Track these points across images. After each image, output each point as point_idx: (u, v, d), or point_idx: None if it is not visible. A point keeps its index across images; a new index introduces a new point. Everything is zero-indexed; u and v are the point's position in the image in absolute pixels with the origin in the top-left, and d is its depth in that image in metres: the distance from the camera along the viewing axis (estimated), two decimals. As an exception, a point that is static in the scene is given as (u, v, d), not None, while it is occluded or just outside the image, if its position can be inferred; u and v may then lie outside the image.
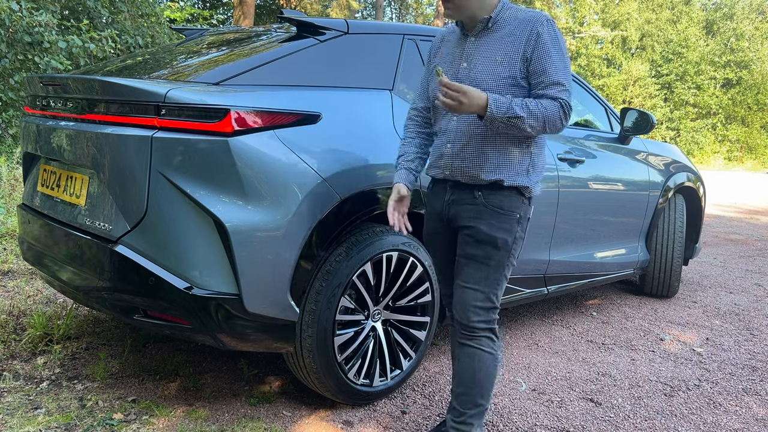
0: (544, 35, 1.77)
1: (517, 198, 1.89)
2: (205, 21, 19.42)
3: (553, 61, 1.77)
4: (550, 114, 1.75)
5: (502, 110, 1.72)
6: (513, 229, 1.89)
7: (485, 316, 1.92)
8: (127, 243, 2.01)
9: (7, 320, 2.92)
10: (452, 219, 1.96)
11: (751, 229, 7.86)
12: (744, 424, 2.47)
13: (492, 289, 1.91)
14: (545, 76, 1.77)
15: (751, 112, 24.48)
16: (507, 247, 1.89)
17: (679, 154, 4.29)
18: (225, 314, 1.98)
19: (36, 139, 2.47)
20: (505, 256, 1.90)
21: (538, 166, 1.93)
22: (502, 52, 1.81)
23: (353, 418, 2.33)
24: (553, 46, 1.77)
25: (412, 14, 28.25)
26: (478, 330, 1.92)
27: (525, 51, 1.78)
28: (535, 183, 1.92)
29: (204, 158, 1.94)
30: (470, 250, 1.91)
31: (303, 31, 2.40)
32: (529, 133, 1.77)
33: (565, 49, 1.81)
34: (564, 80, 1.77)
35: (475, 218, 1.89)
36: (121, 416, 2.21)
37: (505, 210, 1.88)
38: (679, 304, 4.13)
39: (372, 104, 2.39)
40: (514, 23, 1.82)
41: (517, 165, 1.86)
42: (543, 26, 1.78)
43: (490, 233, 1.87)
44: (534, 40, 1.77)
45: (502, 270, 1.92)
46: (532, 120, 1.73)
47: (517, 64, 1.79)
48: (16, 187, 5.63)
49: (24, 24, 6.99)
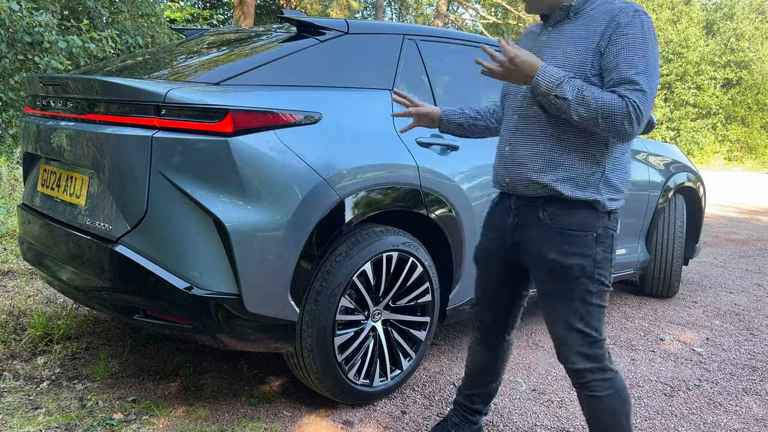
0: (624, 27, 1.52)
1: (589, 213, 1.63)
2: (205, 21, 19.42)
3: (630, 57, 1.51)
4: (609, 110, 1.48)
5: (550, 84, 1.51)
6: (591, 252, 1.62)
7: (588, 355, 1.67)
8: (127, 243, 2.01)
9: (7, 320, 2.92)
10: (518, 245, 1.75)
11: (751, 229, 7.86)
12: (744, 424, 2.47)
13: (586, 323, 1.65)
14: (615, 73, 1.52)
15: (751, 112, 24.47)
16: (587, 273, 1.62)
17: (679, 154, 4.29)
18: (225, 314, 1.98)
19: (36, 139, 2.47)
20: (587, 284, 1.63)
21: (614, 183, 1.64)
22: (574, 44, 1.59)
23: (353, 418, 2.33)
24: (634, 39, 1.51)
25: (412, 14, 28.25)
26: (585, 373, 1.69)
27: (600, 44, 1.55)
28: (609, 200, 1.64)
29: (204, 158, 1.94)
30: (546, 285, 1.69)
31: (303, 31, 2.40)
32: (576, 122, 1.54)
33: (652, 49, 1.53)
34: (639, 79, 1.49)
35: (544, 245, 1.66)
36: (121, 416, 2.21)
37: (576, 230, 1.62)
38: (679, 304, 4.13)
39: (372, 104, 2.38)
40: (598, 13, 1.59)
41: (582, 175, 1.62)
42: (626, 16, 1.53)
43: (561, 261, 1.62)
44: (611, 31, 1.54)
45: (591, 299, 1.64)
46: (582, 109, 1.50)
47: (588, 57, 1.56)
48: (16, 187, 5.63)
49: (24, 24, 6.99)
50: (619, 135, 1.52)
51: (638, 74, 1.50)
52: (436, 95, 2.64)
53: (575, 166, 1.62)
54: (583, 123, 1.53)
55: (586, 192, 1.62)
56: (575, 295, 1.64)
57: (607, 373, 1.70)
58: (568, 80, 1.52)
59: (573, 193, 1.61)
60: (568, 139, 1.62)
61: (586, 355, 1.68)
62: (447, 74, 2.80)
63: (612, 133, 1.53)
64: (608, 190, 1.64)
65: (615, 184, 1.65)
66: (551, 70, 1.53)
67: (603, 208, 1.63)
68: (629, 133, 1.51)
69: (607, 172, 1.64)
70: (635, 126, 1.50)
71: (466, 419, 2.10)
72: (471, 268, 2.68)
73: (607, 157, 1.63)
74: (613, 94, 1.50)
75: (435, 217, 2.47)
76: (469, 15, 26.47)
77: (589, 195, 1.62)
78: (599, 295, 1.66)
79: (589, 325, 1.66)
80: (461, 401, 2.12)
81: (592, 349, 1.67)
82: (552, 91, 1.52)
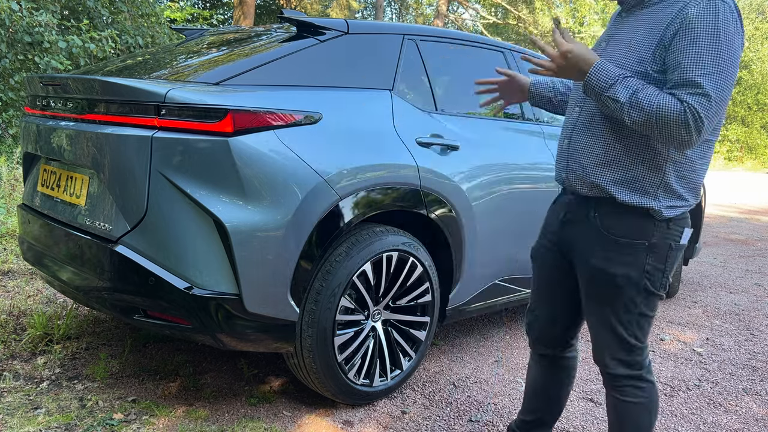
0: (692, 19, 1.34)
1: (644, 221, 1.50)
2: (205, 21, 19.41)
3: (696, 54, 1.33)
4: (665, 115, 1.34)
5: (602, 84, 1.40)
6: (640, 262, 1.50)
7: (626, 362, 1.59)
8: (127, 243, 2.01)
9: (7, 320, 2.92)
10: (563, 242, 1.66)
11: (751, 229, 7.86)
12: (744, 424, 2.47)
13: (626, 329, 1.56)
14: (678, 73, 1.36)
15: (751, 112, 24.47)
16: (633, 283, 1.51)
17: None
18: (225, 314, 1.98)
19: (36, 139, 2.47)
20: (633, 294, 1.52)
21: (676, 190, 1.49)
22: (640, 36, 1.45)
23: (353, 418, 2.33)
24: (704, 33, 1.33)
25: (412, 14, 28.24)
26: (619, 378, 1.62)
27: (664, 36, 1.39)
28: (668, 207, 1.49)
29: (204, 158, 1.94)
30: (588, 289, 1.60)
31: (303, 31, 2.40)
32: (629, 125, 1.42)
33: (727, 43, 1.33)
34: (703, 81, 1.32)
35: (589, 247, 1.56)
36: (121, 416, 2.21)
37: (627, 237, 1.51)
38: (679, 304, 4.13)
39: (372, 104, 2.38)
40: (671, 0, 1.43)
41: (639, 178, 1.48)
42: (697, 7, 1.35)
43: (606, 269, 1.52)
44: (678, 23, 1.37)
45: (635, 309, 1.54)
46: (635, 113, 1.37)
47: (651, 50, 1.41)
48: (16, 187, 5.63)
49: (24, 24, 6.99)
50: (676, 144, 1.39)
51: (704, 75, 1.33)
52: (435, 95, 2.64)
53: (632, 168, 1.49)
54: (638, 127, 1.41)
55: (641, 198, 1.49)
56: (618, 302, 1.54)
57: (642, 382, 1.62)
58: (622, 80, 1.40)
59: (626, 197, 1.49)
60: (627, 138, 1.49)
61: (623, 362, 1.60)
62: (447, 74, 2.80)
63: (668, 141, 1.40)
64: (668, 197, 1.50)
65: (677, 191, 1.50)
66: (606, 68, 1.41)
67: (659, 216, 1.50)
68: (686, 143, 1.37)
69: (669, 177, 1.49)
70: (694, 135, 1.34)
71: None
72: (471, 268, 2.69)
73: (669, 162, 1.48)
74: (673, 97, 1.36)
75: (435, 217, 2.47)
76: (469, 15, 26.47)
77: (644, 201, 1.49)
78: (647, 305, 1.55)
79: (630, 332, 1.57)
80: (515, 428, 1.99)
81: (630, 356, 1.59)
82: (605, 91, 1.41)
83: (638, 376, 1.61)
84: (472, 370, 2.84)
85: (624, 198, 1.50)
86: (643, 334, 1.58)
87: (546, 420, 1.93)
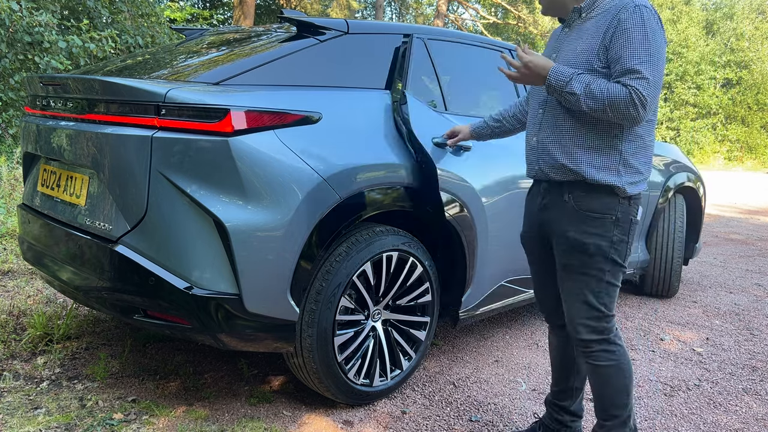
0: (625, 21, 1.65)
1: (610, 198, 1.77)
2: (205, 21, 19.41)
3: (631, 48, 1.63)
4: (615, 99, 1.62)
5: (560, 83, 1.68)
6: (608, 233, 1.76)
7: (595, 328, 1.82)
8: (127, 243, 2.01)
9: (7, 320, 2.92)
10: (543, 224, 1.91)
11: (751, 229, 7.86)
12: (744, 423, 2.47)
13: (597, 298, 1.80)
14: (619, 64, 1.65)
15: (751, 112, 24.47)
16: (602, 252, 1.76)
17: (679, 154, 4.29)
18: (225, 314, 1.98)
19: (36, 139, 2.47)
20: (602, 262, 1.77)
21: (634, 166, 1.77)
22: (584, 42, 1.74)
23: (353, 418, 2.33)
24: (635, 32, 1.63)
25: (412, 14, 28.23)
26: (590, 344, 1.83)
27: (605, 39, 1.69)
28: (629, 183, 1.76)
29: (204, 158, 1.94)
30: (565, 260, 1.83)
31: (303, 31, 2.40)
32: (588, 112, 1.69)
33: (653, 38, 1.64)
34: (640, 68, 1.61)
35: (565, 223, 1.81)
36: (121, 416, 2.21)
37: (597, 212, 1.77)
38: (679, 304, 4.13)
39: (372, 104, 2.38)
40: (605, 11, 1.73)
41: (601, 160, 1.75)
42: (627, 12, 1.66)
43: (581, 239, 1.77)
44: (614, 26, 1.67)
45: (603, 277, 1.79)
46: (590, 101, 1.65)
47: (595, 52, 1.70)
48: (16, 187, 5.63)
49: (24, 24, 6.99)
50: (627, 121, 1.67)
51: (640, 63, 1.62)
52: (436, 94, 2.64)
53: (596, 150, 1.76)
54: (595, 113, 1.68)
55: (607, 174, 1.75)
56: (590, 271, 1.78)
57: (612, 345, 1.84)
58: (576, 77, 1.67)
59: (595, 175, 1.75)
60: (587, 127, 1.76)
61: (593, 328, 1.82)
62: (447, 73, 2.80)
63: (621, 120, 1.67)
64: (628, 172, 1.76)
65: (634, 165, 1.77)
66: (561, 70, 1.69)
67: (623, 194, 1.76)
68: (635, 119, 1.65)
69: (626, 154, 1.76)
70: (640, 111, 1.63)
71: (556, 420, 2.14)
72: (483, 269, 2.67)
73: (624, 141, 1.76)
74: (618, 84, 1.64)
75: (449, 218, 2.45)
76: (469, 15, 26.46)
77: (610, 178, 1.75)
78: (613, 274, 1.80)
79: (600, 301, 1.80)
80: (550, 399, 2.16)
81: (599, 322, 1.82)
82: (563, 88, 1.68)
83: (607, 339, 1.83)
84: (472, 370, 2.84)
85: (593, 176, 1.75)
86: (611, 302, 1.83)
87: (577, 385, 2.12)
